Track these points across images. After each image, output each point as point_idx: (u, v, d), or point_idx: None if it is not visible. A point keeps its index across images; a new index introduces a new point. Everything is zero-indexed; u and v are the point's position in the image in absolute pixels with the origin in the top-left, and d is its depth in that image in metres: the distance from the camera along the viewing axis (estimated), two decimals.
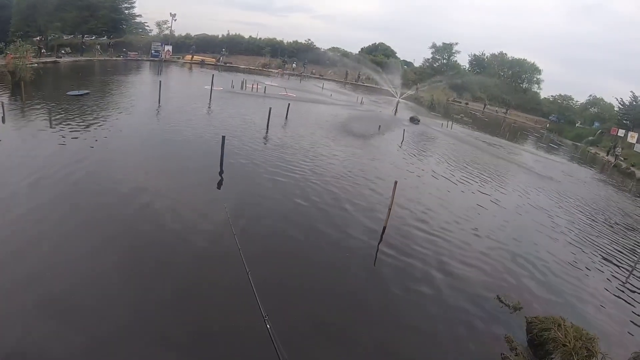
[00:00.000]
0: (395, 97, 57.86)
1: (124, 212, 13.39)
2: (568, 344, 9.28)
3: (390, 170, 23.94)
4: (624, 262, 17.46)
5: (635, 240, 21.12)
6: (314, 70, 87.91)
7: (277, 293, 10.36)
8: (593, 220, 23.27)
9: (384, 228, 15.00)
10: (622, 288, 14.91)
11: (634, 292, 14.79)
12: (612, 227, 22.76)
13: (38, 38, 55.12)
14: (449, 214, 18.36)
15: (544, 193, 26.79)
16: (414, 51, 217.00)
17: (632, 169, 48.97)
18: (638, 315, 13.14)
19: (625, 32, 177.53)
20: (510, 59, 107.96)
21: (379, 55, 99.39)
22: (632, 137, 62.07)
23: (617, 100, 75.68)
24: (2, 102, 21.60)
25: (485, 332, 10.45)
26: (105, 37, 68.59)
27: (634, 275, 16.24)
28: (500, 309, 11.59)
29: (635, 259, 17.58)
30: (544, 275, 14.39)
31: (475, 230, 17.05)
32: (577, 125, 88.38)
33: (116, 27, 71.53)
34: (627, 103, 71.88)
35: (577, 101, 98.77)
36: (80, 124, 21.98)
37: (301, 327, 9.50)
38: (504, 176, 29.72)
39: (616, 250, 18.86)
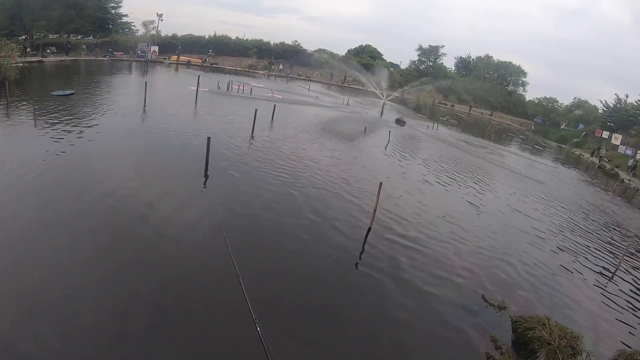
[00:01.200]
0: (382, 98, 57.99)
1: (109, 214, 13.22)
2: (553, 343, 9.37)
3: (375, 171, 23.95)
4: (607, 262, 17.65)
5: (618, 241, 21.33)
6: (300, 72, 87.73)
7: (267, 296, 10.30)
8: (577, 220, 23.50)
9: (369, 229, 15.05)
10: (605, 287, 15.08)
11: (618, 291, 14.98)
12: (596, 227, 23.00)
13: (23, 37, 54.62)
14: (433, 215, 18.43)
15: (528, 194, 27.02)
16: (401, 53, 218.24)
17: (616, 170, 49.53)
18: (622, 313, 13.31)
19: (608, 36, 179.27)
20: (496, 61, 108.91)
21: (365, 57, 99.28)
22: (616, 139, 62.82)
23: (602, 102, 76.93)
24: None
25: (471, 331, 10.49)
26: (91, 37, 67.96)
27: (617, 274, 16.42)
28: (485, 308, 11.65)
29: (619, 258, 17.74)
30: (529, 274, 14.49)
31: (460, 231, 17.11)
32: (561, 127, 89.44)
33: (102, 26, 70.88)
34: (611, 105, 72.86)
35: (562, 103, 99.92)
36: (65, 124, 21.74)
37: (291, 330, 9.46)
38: (488, 178, 29.90)
39: (600, 250, 19.06)
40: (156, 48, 72.14)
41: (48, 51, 54.19)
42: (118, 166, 17.53)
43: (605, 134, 67.05)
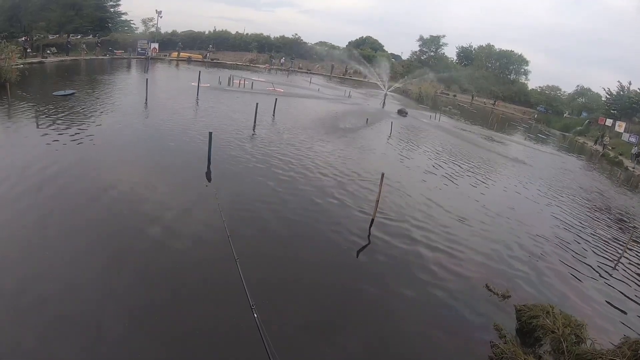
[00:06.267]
0: (383, 90, 57.91)
1: (110, 207, 13.29)
2: (557, 331, 9.35)
3: (378, 163, 23.95)
4: (612, 250, 17.60)
5: (622, 228, 21.29)
6: (301, 65, 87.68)
7: (265, 282, 10.41)
8: (580, 208, 23.48)
9: (372, 220, 15.04)
10: (610, 275, 15.05)
11: (622, 279, 14.94)
12: (599, 215, 22.96)
13: (23, 38, 54.58)
14: (436, 205, 18.41)
15: (530, 183, 27.02)
16: (402, 44, 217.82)
17: (620, 157, 49.34)
18: (626, 301, 13.28)
19: (611, 23, 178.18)
20: (497, 50, 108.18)
21: (366, 49, 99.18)
22: (619, 127, 62.65)
23: (605, 90, 76.38)
24: None
25: (474, 320, 10.50)
26: (91, 36, 67.89)
27: (621, 262, 16.38)
28: (489, 297, 11.64)
29: (623, 246, 17.69)
30: (532, 263, 14.50)
31: (462, 221, 17.12)
32: (565, 115, 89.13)
33: (102, 25, 70.77)
34: (615, 93, 72.46)
35: (564, 92, 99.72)
36: (67, 124, 21.69)
37: (288, 317, 9.50)
38: (491, 167, 29.86)
39: (604, 238, 19.03)
40: (156, 45, 71.86)
41: (48, 52, 54.05)
42: (118, 165, 17.49)
43: (609, 122, 66.91)
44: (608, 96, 74.88)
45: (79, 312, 8.60)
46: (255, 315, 7.06)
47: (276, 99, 34.42)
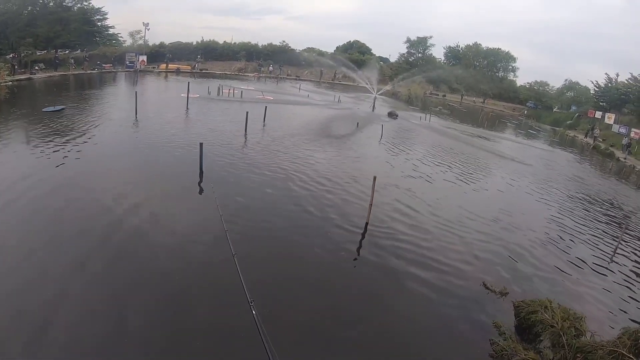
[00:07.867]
0: (373, 93, 57.98)
1: (107, 215, 13.33)
2: (556, 325, 9.35)
3: (369, 166, 23.88)
4: (607, 242, 17.64)
5: (617, 220, 21.35)
6: (289, 72, 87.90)
7: (263, 280, 10.53)
8: (575, 201, 23.56)
9: (367, 224, 15.03)
10: (606, 266, 15.07)
11: (619, 270, 14.97)
12: (593, 208, 22.99)
13: (11, 55, 54.50)
14: (430, 206, 18.41)
15: (523, 178, 27.05)
16: (390, 47, 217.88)
17: (611, 149, 49.54)
18: (624, 291, 13.31)
19: (598, 15, 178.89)
20: (484, 49, 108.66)
21: (354, 53, 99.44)
22: (609, 118, 62.98)
23: (593, 83, 76.68)
24: None
25: (473, 318, 10.49)
26: (79, 50, 67.85)
27: (617, 253, 16.39)
28: (486, 295, 11.65)
29: (618, 237, 17.73)
30: (529, 259, 14.52)
31: (456, 220, 17.10)
32: (554, 110, 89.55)
33: (89, 39, 70.85)
34: (603, 85, 72.77)
35: (553, 86, 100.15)
36: (58, 140, 21.64)
37: (287, 313, 9.56)
38: (483, 165, 29.94)
39: (599, 230, 19.08)
40: (144, 57, 71.88)
41: (36, 68, 53.93)
42: (110, 178, 17.46)
43: (598, 114, 67.23)
44: (596, 89, 75.24)
45: (79, 312, 8.70)
46: (254, 312, 7.06)
47: (266, 106, 34.38)
